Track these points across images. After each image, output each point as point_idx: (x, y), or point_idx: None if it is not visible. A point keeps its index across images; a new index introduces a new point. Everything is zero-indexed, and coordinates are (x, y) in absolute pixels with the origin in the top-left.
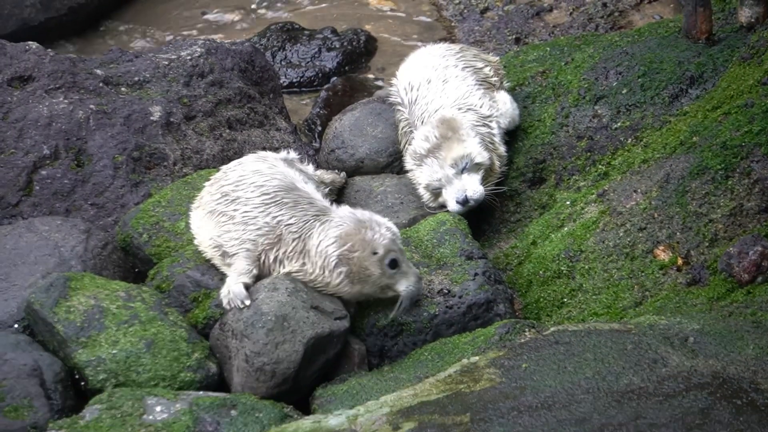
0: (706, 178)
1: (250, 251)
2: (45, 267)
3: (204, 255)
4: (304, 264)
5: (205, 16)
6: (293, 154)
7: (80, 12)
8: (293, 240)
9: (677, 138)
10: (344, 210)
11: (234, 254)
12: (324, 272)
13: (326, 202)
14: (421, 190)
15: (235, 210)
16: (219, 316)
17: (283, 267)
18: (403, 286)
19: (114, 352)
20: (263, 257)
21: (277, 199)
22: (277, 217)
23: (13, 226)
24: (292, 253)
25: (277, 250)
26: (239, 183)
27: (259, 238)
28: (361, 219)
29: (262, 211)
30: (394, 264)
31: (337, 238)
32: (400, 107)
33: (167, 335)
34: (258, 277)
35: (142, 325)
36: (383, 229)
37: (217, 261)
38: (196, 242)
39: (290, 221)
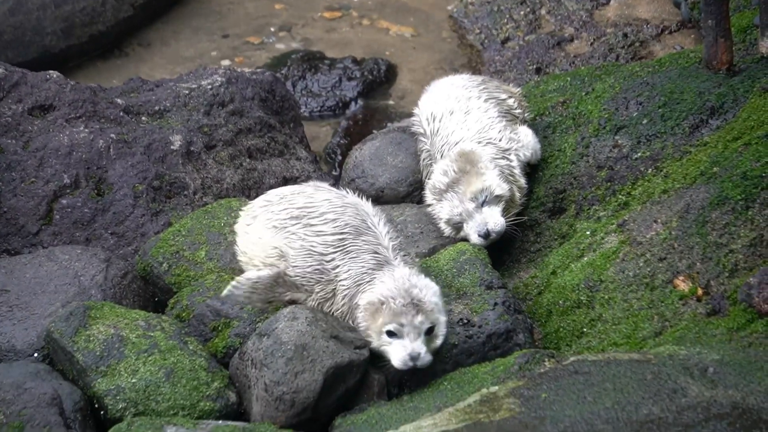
0: (726, 208)
1: (303, 286)
2: (65, 296)
3: (246, 263)
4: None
5: (226, 40)
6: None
7: (101, 39)
8: (342, 299)
9: (697, 168)
10: (399, 271)
11: (293, 276)
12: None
13: (391, 252)
14: (442, 225)
15: (305, 235)
16: (239, 345)
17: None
18: (395, 359)
19: (133, 381)
20: (314, 304)
21: (344, 245)
22: (337, 267)
23: (33, 255)
24: (340, 311)
25: (330, 307)
26: (307, 208)
27: (315, 286)
28: (396, 286)
29: (329, 254)
30: (390, 334)
31: (364, 307)
32: (421, 138)
33: (187, 364)
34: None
35: (161, 355)
36: (400, 299)
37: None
38: (242, 255)
39: (345, 276)
